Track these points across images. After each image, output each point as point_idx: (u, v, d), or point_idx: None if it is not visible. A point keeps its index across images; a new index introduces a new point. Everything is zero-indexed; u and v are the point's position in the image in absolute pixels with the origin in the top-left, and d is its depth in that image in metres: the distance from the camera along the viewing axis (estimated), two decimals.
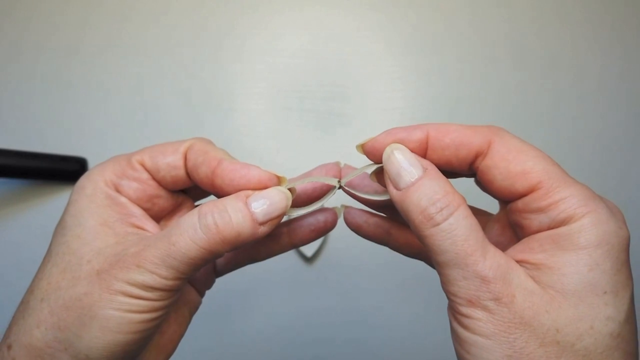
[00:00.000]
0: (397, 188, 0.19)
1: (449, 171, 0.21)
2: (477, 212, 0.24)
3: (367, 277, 0.48)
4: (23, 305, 0.20)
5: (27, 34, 0.51)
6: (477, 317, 0.17)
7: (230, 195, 0.21)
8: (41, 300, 0.20)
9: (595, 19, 0.52)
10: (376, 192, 0.24)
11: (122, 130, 0.50)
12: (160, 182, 0.23)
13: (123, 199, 0.22)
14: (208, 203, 0.20)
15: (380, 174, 0.23)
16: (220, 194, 0.22)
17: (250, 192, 0.21)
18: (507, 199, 0.20)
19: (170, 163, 0.23)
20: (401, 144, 0.20)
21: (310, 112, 0.51)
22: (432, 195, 0.18)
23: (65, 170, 0.48)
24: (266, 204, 0.20)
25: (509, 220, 0.21)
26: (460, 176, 0.22)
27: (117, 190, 0.22)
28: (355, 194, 0.24)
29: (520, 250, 0.19)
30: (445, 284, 0.18)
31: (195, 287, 0.26)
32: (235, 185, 0.21)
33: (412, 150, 0.20)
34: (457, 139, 0.20)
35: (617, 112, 0.51)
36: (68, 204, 0.22)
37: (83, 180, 0.22)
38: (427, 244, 0.19)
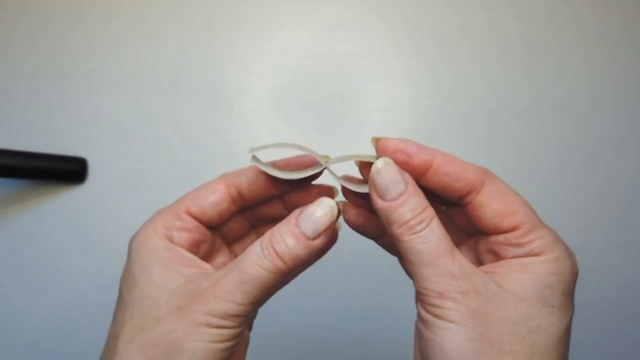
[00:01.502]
0: (384, 199, 0.23)
1: (439, 195, 0.24)
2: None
3: (369, 277, 0.48)
4: (110, 351, 0.22)
5: (27, 34, 0.51)
6: (447, 306, 0.20)
7: (283, 220, 0.24)
8: (129, 343, 0.22)
9: (607, 19, 0.52)
10: (356, 182, 0.26)
11: (122, 130, 0.50)
12: (208, 223, 0.26)
13: (179, 248, 0.25)
14: (267, 233, 0.23)
15: (363, 167, 0.25)
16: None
17: (299, 211, 0.24)
18: (491, 233, 0.23)
19: (214, 201, 0.26)
20: (408, 157, 0.23)
21: (310, 112, 0.51)
22: (414, 209, 0.22)
23: (65, 170, 0.48)
24: (311, 222, 0.23)
25: (477, 247, 0.25)
26: (441, 203, 0.25)
27: (171, 242, 0.25)
28: (340, 182, 0.26)
29: (490, 267, 0.23)
30: (418, 281, 0.22)
31: None
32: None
33: (415, 166, 0.23)
34: (459, 171, 0.23)
35: (622, 114, 0.51)
36: (130, 260, 0.24)
37: (139, 237, 0.25)
38: (404, 247, 0.22)
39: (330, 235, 0.24)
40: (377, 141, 0.24)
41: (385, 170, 0.22)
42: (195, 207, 0.25)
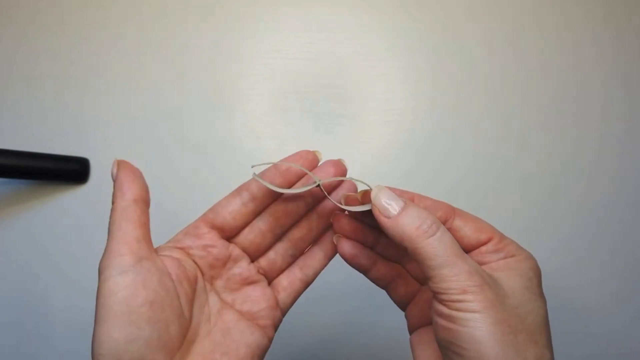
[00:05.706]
0: (387, 217, 0.26)
1: None
2: None
3: (370, 292, 0.49)
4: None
5: (28, 34, 0.51)
6: (469, 299, 0.23)
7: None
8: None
9: (599, 27, 0.52)
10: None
11: (123, 130, 0.50)
12: (221, 227, 0.29)
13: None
14: None
15: (364, 197, 0.29)
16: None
17: None
18: (472, 248, 0.28)
19: (225, 204, 0.30)
20: None
21: (310, 113, 0.51)
22: (420, 215, 0.25)
23: (67, 171, 0.48)
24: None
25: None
26: None
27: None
28: (341, 206, 0.29)
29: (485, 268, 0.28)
30: (438, 282, 0.24)
31: (260, 324, 0.31)
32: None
33: None
34: (435, 203, 0.28)
35: (617, 121, 0.51)
36: None
37: None
38: (422, 253, 0.25)
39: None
40: (363, 193, 0.29)
41: (382, 193, 0.26)
42: (213, 214, 0.29)
